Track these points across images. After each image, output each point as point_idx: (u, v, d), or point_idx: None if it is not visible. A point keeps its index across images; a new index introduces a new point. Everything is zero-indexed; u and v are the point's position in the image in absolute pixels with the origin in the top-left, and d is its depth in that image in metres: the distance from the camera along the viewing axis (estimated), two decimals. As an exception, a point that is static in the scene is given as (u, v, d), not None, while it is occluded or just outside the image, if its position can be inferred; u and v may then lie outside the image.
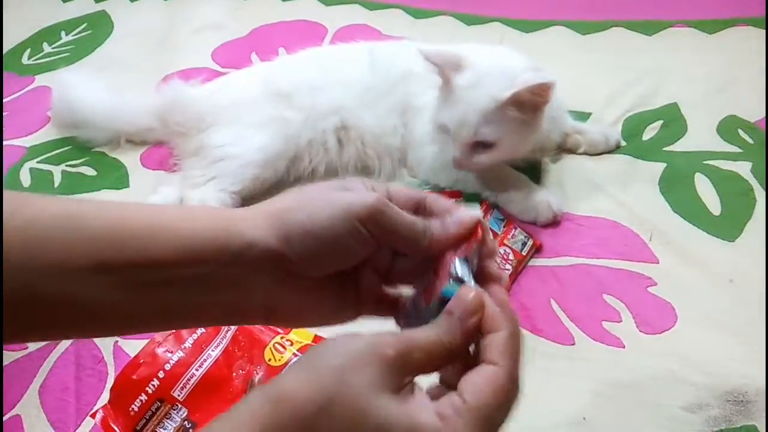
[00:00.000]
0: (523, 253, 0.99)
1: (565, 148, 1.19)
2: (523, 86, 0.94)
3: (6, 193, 0.42)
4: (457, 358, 0.43)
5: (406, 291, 0.51)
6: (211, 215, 0.47)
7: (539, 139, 1.10)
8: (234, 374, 0.83)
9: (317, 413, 0.38)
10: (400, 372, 0.40)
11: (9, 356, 0.95)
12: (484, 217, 0.49)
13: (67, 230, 0.42)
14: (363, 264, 0.49)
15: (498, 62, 1.02)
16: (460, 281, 0.45)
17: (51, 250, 0.41)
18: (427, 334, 0.42)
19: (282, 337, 0.85)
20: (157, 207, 0.46)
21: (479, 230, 0.47)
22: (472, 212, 0.48)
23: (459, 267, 0.45)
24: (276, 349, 0.84)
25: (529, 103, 0.97)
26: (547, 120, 1.10)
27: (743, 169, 1.11)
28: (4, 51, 1.71)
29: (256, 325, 0.86)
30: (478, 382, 0.41)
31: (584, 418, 0.80)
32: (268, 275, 0.46)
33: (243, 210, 0.47)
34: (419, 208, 0.48)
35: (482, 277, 0.47)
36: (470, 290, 0.43)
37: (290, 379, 0.39)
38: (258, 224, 0.45)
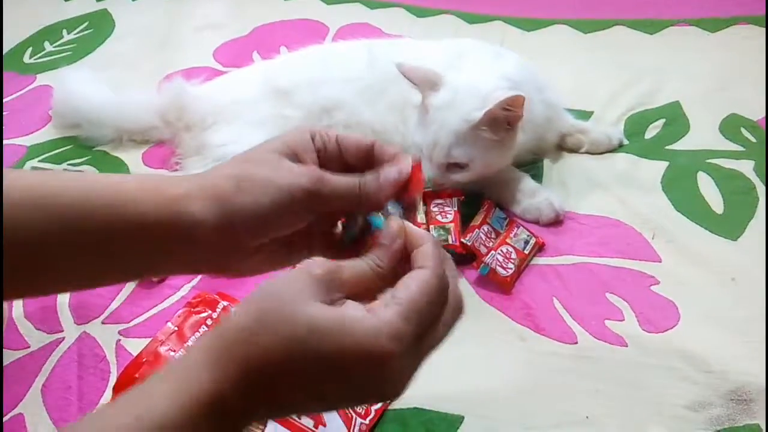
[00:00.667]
0: (526, 252, 0.99)
1: (567, 148, 1.19)
2: (493, 104, 0.94)
3: None
4: (384, 281, 0.46)
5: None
6: (163, 193, 0.49)
7: (535, 141, 1.11)
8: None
9: (253, 326, 0.42)
10: (328, 287, 0.43)
11: (11, 355, 0.95)
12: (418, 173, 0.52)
13: (35, 208, 0.47)
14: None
15: (474, 79, 1.01)
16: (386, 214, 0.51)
17: (21, 227, 0.46)
18: (356, 259, 0.46)
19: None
20: (118, 182, 0.50)
21: (417, 181, 0.52)
22: (404, 164, 0.51)
23: (390, 206, 0.51)
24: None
25: (503, 120, 0.97)
26: (543, 120, 1.10)
27: (746, 167, 1.11)
28: (6, 50, 1.71)
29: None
30: (406, 281, 0.44)
31: (587, 417, 0.79)
32: (216, 246, 0.50)
33: (187, 184, 0.50)
34: (369, 156, 0.52)
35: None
36: (394, 220, 0.48)
37: (232, 311, 0.43)
38: (205, 205, 0.48)
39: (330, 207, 0.50)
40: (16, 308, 1.02)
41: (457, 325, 0.47)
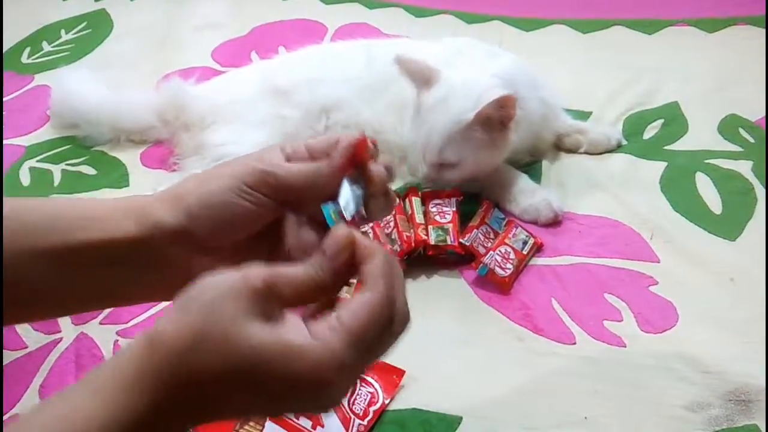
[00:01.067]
0: (524, 252, 0.99)
1: (565, 148, 1.19)
2: (485, 103, 0.94)
3: None
4: (326, 294, 0.44)
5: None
6: (129, 205, 0.51)
7: (531, 140, 1.12)
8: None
9: (187, 350, 0.39)
10: (268, 301, 0.41)
11: (9, 356, 0.95)
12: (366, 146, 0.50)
13: (9, 220, 0.48)
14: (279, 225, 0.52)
15: (467, 77, 1.02)
16: (338, 207, 0.48)
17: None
18: (298, 267, 0.43)
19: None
20: (88, 200, 0.55)
21: (363, 153, 0.50)
22: (349, 135, 0.50)
23: (343, 189, 0.49)
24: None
25: (496, 119, 0.98)
26: (539, 119, 1.11)
27: (744, 168, 1.11)
28: (4, 50, 1.71)
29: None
30: (353, 306, 0.42)
31: (585, 417, 0.79)
32: (181, 251, 0.50)
33: (153, 196, 0.51)
34: (311, 155, 0.51)
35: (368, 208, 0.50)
36: (341, 228, 0.44)
37: (163, 321, 0.41)
38: (164, 207, 0.49)
39: (287, 193, 0.49)
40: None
41: (401, 337, 0.45)
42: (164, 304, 0.99)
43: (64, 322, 0.99)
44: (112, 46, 1.69)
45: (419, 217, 1.02)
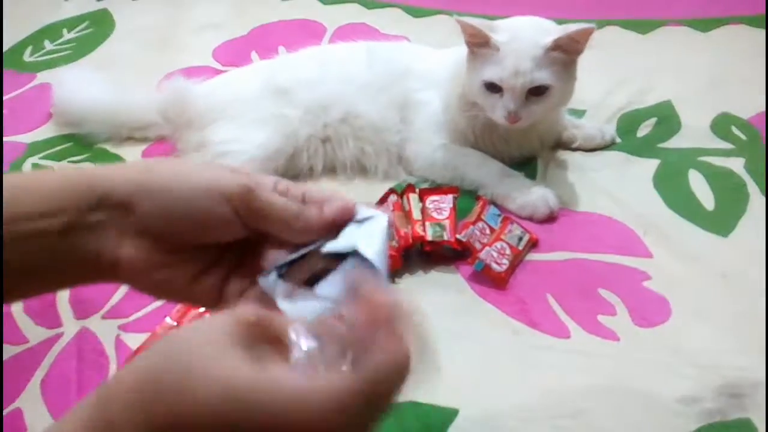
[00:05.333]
0: (520, 248, 1.00)
1: (560, 143, 1.20)
2: (565, 32, 1.00)
3: None
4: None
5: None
6: (82, 170, 0.46)
7: (540, 131, 1.14)
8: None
9: (143, 395, 0.33)
10: (257, 337, 0.36)
11: (10, 350, 0.95)
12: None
13: None
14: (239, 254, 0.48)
15: (525, 21, 1.08)
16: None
17: None
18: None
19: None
20: (33, 171, 0.45)
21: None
22: (350, 202, 0.47)
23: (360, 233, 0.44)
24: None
25: (570, 50, 1.02)
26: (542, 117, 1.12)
27: (736, 165, 1.12)
28: (6, 48, 1.72)
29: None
30: (376, 356, 0.35)
31: (580, 410, 0.80)
32: (122, 225, 0.45)
33: (118, 164, 0.47)
34: (303, 199, 0.47)
35: None
36: (382, 292, 0.39)
37: (119, 372, 0.36)
38: (124, 172, 0.45)
39: (261, 218, 0.45)
40: (16, 303, 1.02)
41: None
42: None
43: (66, 316, 0.99)
44: (114, 45, 1.70)
45: (416, 214, 1.03)
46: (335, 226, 0.46)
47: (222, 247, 0.48)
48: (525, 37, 1.02)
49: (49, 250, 0.44)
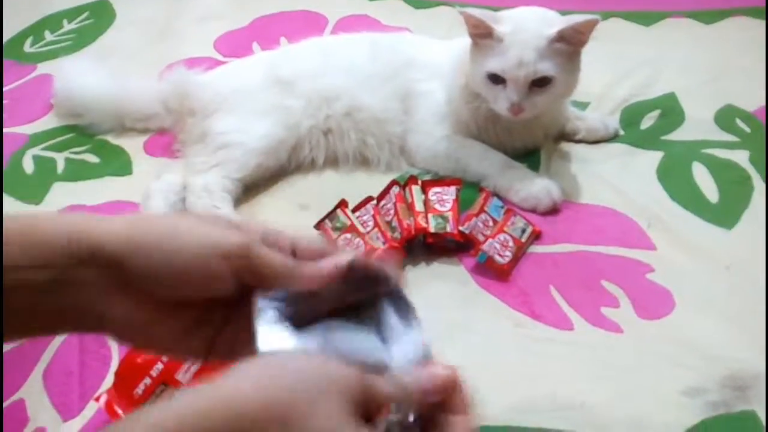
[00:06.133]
0: (523, 240, 1.00)
1: (564, 135, 1.20)
2: (569, 23, 1.00)
3: None
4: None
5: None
6: (72, 221, 0.44)
7: (544, 122, 1.14)
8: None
9: (272, 420, 0.36)
10: (368, 405, 0.39)
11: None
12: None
13: None
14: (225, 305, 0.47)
15: (528, 11, 1.07)
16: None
17: None
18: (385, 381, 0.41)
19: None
20: (25, 216, 0.43)
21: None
22: (345, 255, 0.46)
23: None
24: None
25: (573, 41, 1.02)
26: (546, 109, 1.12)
27: (741, 157, 1.12)
28: (6, 39, 1.71)
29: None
30: None
31: (583, 403, 0.80)
32: (110, 281, 0.43)
33: (108, 217, 0.45)
34: (294, 251, 0.47)
35: None
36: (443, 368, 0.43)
37: (242, 382, 0.37)
38: (113, 227, 0.43)
39: (257, 278, 0.45)
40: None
41: None
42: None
43: (68, 307, 0.99)
44: (114, 36, 1.69)
45: (419, 205, 1.03)
46: (331, 283, 0.46)
47: (212, 301, 0.46)
48: (528, 28, 1.02)
49: (33, 302, 0.43)
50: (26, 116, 1.41)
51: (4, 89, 1.50)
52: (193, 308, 0.46)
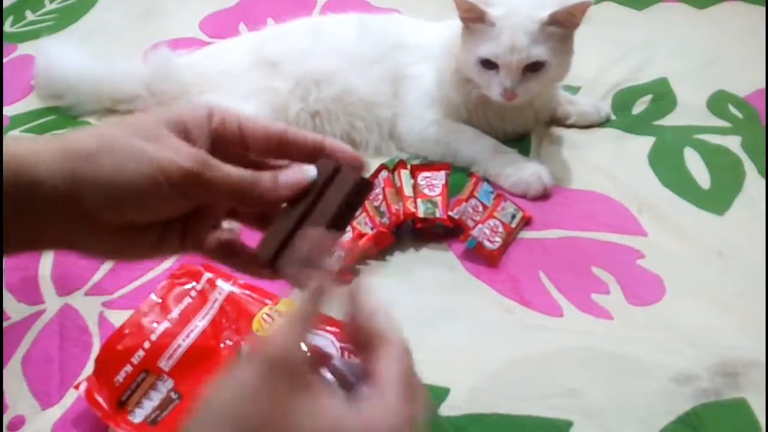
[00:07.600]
0: (513, 226, 0.99)
1: (555, 119, 1.19)
2: (561, 5, 0.98)
3: None
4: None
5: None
6: (14, 148, 0.41)
7: (535, 107, 1.13)
8: (221, 345, 0.82)
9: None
10: (298, 370, 0.40)
11: (-10, 327, 0.94)
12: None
13: None
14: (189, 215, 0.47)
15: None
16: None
17: None
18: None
19: (270, 308, 0.84)
20: None
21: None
22: (306, 171, 0.45)
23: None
24: (264, 320, 0.83)
25: (564, 23, 1.00)
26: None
27: (733, 143, 1.11)
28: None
29: (244, 296, 0.85)
30: (381, 364, 0.42)
31: (573, 389, 0.80)
32: (60, 215, 0.42)
33: (34, 143, 0.42)
34: (281, 144, 0.46)
35: None
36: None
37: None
38: (49, 160, 0.41)
39: (212, 198, 0.44)
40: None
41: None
42: (150, 274, 0.98)
43: (48, 293, 0.98)
44: (98, 16, 1.67)
45: (408, 190, 1.01)
46: (289, 199, 0.45)
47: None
48: (521, 11, 1.00)
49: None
50: (7, 97, 1.40)
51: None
52: (154, 228, 0.45)
